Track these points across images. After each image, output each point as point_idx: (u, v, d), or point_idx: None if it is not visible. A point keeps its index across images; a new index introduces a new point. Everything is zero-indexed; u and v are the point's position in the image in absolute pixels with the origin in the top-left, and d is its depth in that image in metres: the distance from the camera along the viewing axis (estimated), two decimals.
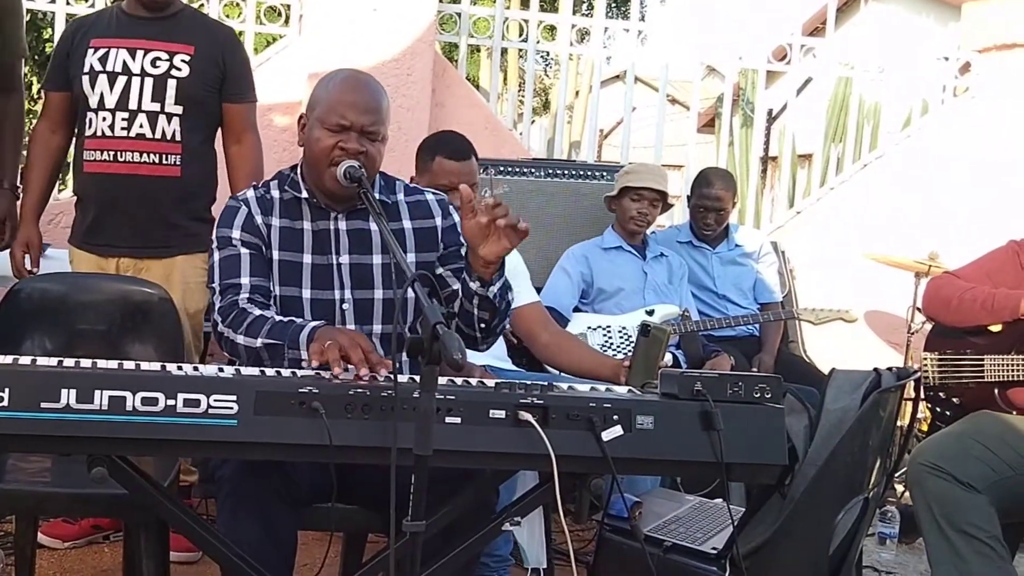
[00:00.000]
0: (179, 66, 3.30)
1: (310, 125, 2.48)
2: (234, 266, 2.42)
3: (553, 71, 19.03)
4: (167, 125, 3.30)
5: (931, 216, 5.71)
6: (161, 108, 3.29)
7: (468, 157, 3.30)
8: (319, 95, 2.49)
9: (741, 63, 6.02)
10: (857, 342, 5.33)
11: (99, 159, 3.31)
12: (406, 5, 5.05)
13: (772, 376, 2.10)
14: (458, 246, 2.57)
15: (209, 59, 3.35)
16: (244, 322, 2.31)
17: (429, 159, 3.29)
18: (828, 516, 2.42)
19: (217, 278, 2.43)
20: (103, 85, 3.28)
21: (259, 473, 2.16)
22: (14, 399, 1.72)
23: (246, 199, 2.49)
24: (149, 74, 3.28)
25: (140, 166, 3.29)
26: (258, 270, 2.43)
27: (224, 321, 2.35)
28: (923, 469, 2.93)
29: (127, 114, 3.28)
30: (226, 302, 2.38)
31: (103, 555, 3.45)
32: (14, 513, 2.94)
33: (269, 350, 2.26)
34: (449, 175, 3.22)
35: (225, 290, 2.40)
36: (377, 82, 2.55)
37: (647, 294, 4.13)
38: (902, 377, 2.53)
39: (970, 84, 6.05)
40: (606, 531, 2.67)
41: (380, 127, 2.46)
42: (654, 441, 1.99)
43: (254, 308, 2.35)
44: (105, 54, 3.30)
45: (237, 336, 2.31)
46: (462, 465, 2.04)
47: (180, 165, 3.32)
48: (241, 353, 2.32)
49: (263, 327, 2.28)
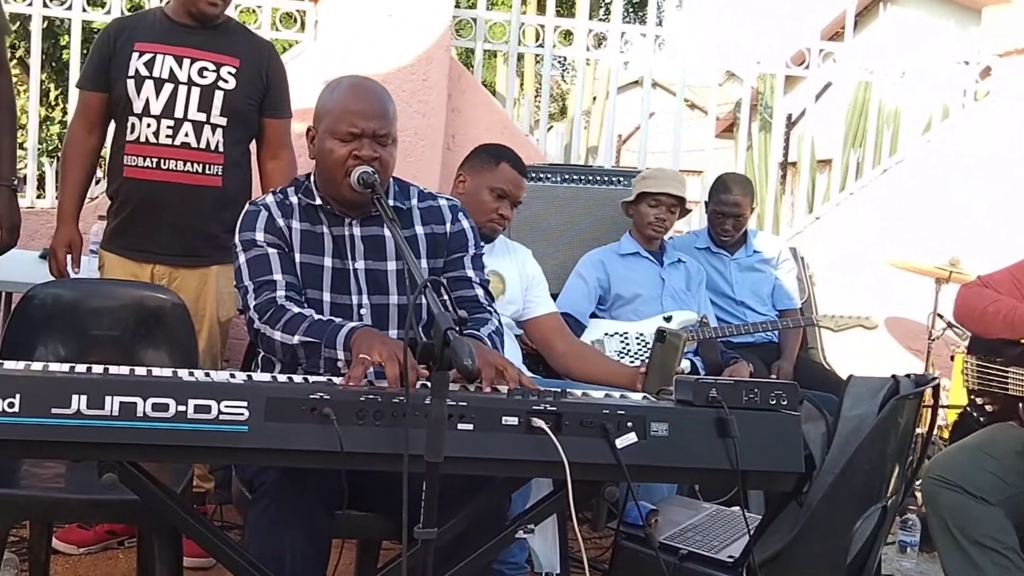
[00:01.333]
0: (226, 78, 3.32)
1: (320, 137, 2.47)
2: (264, 264, 2.42)
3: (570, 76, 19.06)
4: (211, 135, 3.31)
5: (952, 221, 5.66)
6: (207, 118, 3.30)
7: (526, 175, 3.43)
8: (326, 106, 2.48)
9: (760, 68, 5.99)
10: (877, 348, 5.29)
11: (141, 165, 3.32)
12: (422, 11, 5.04)
13: (788, 383, 2.08)
14: (461, 253, 2.57)
15: (254, 72, 3.37)
16: (282, 318, 2.31)
17: (494, 162, 3.36)
18: (846, 524, 2.39)
19: (247, 277, 2.42)
20: (149, 91, 3.28)
21: (302, 480, 2.16)
22: (25, 405, 1.72)
23: (265, 204, 2.49)
24: (196, 83, 3.29)
25: (183, 175, 3.30)
26: (288, 269, 2.43)
27: (261, 317, 2.34)
28: (936, 483, 2.92)
29: (172, 122, 3.28)
30: (263, 299, 2.37)
31: (117, 561, 3.45)
32: (28, 519, 2.95)
33: (306, 348, 2.26)
34: (510, 183, 3.34)
35: (260, 287, 2.39)
36: (381, 86, 2.55)
37: (665, 300, 4.10)
38: (920, 384, 2.50)
39: (991, 88, 6.00)
40: (622, 539, 2.65)
41: (390, 130, 2.46)
42: (669, 448, 1.96)
43: (292, 306, 2.35)
44: (151, 59, 3.30)
45: (274, 332, 2.30)
46: (474, 472, 2.02)
47: (222, 175, 3.34)
48: (277, 350, 2.32)
49: (301, 324, 2.28)
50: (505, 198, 3.33)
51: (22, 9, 4.96)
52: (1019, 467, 2.92)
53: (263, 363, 2.48)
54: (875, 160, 5.99)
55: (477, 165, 3.39)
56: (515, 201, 3.38)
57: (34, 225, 4.57)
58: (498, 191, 3.31)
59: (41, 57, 5.32)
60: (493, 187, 3.31)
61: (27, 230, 4.69)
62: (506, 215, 3.34)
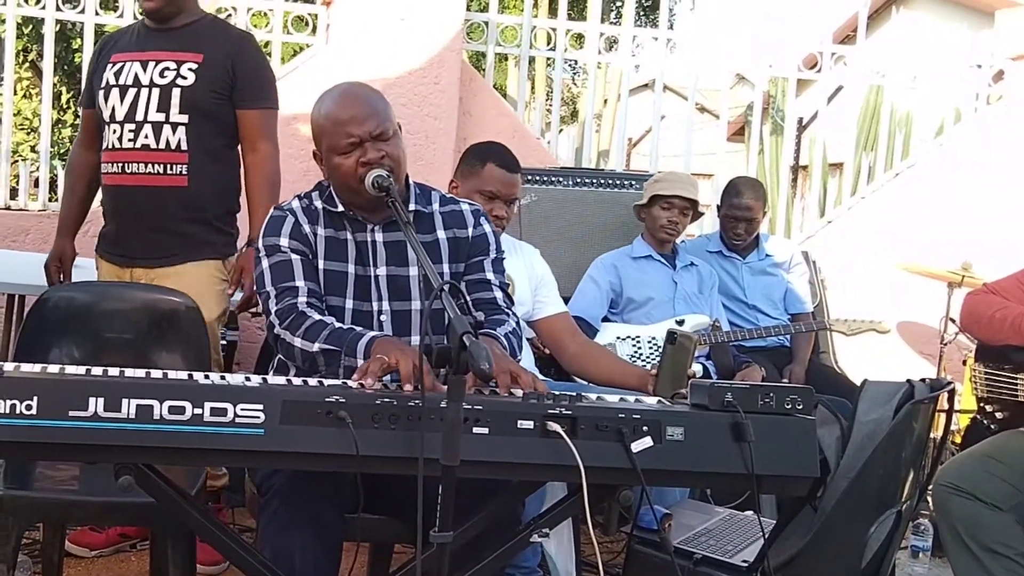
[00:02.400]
0: (185, 74, 3.28)
1: (325, 158, 2.47)
2: (287, 271, 2.42)
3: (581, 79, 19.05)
4: (172, 135, 3.28)
5: (964, 225, 5.65)
6: (166, 118, 3.28)
7: (517, 171, 3.33)
8: (320, 126, 2.47)
9: (771, 71, 5.98)
10: (889, 353, 5.28)
11: (111, 171, 3.35)
12: (433, 14, 5.05)
13: (804, 387, 2.07)
14: (482, 256, 2.56)
15: (217, 66, 3.31)
16: (303, 325, 2.31)
17: (479, 164, 3.29)
18: (860, 529, 2.38)
19: (269, 282, 2.42)
20: (115, 98, 3.31)
21: (312, 482, 2.16)
22: (42, 407, 1.72)
23: (292, 209, 2.50)
24: (156, 84, 3.28)
25: (145, 176, 3.29)
26: (310, 276, 2.43)
27: (282, 323, 2.35)
28: (946, 491, 2.91)
29: (134, 125, 3.28)
30: (284, 305, 2.37)
31: (130, 564, 3.46)
32: (43, 521, 2.95)
33: (326, 355, 2.26)
34: (497, 183, 3.25)
35: (282, 293, 2.39)
36: (364, 85, 2.55)
37: (677, 304, 4.10)
38: (935, 388, 2.49)
39: (1004, 92, 5.98)
40: (635, 543, 2.65)
41: (387, 125, 2.44)
42: (684, 452, 1.96)
43: (313, 312, 2.35)
44: (120, 68, 3.32)
45: (295, 339, 2.31)
46: (489, 476, 2.02)
47: (187, 174, 3.30)
48: (297, 356, 2.32)
49: (322, 332, 2.28)
50: (496, 198, 3.25)
51: (35, 12, 4.98)
52: None
53: (278, 366, 2.49)
54: (887, 164, 5.97)
55: (465, 170, 3.34)
56: (508, 199, 3.28)
57: (47, 228, 4.57)
58: (487, 193, 3.23)
59: (54, 60, 5.33)
60: (481, 190, 3.23)
61: (40, 233, 4.73)
62: (501, 215, 3.25)
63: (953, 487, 2.90)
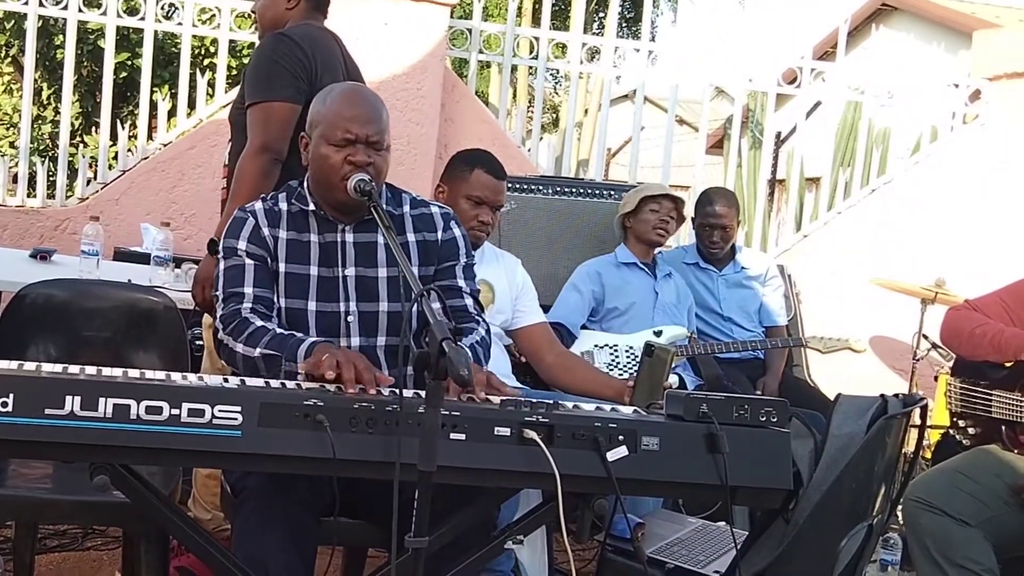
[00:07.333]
0: None
1: (314, 144, 2.47)
2: (238, 276, 2.42)
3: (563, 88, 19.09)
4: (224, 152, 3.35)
5: (939, 242, 5.71)
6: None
7: (504, 178, 3.39)
8: (320, 112, 2.48)
9: (751, 85, 6.03)
10: (862, 367, 5.32)
11: None
12: (417, 20, 5.06)
13: (778, 400, 2.09)
14: (453, 262, 2.57)
15: None
16: (245, 331, 2.32)
17: (467, 170, 3.33)
18: (832, 542, 2.40)
19: (221, 287, 2.44)
20: None
21: (286, 484, 2.17)
22: (18, 405, 1.71)
23: (254, 211, 2.49)
24: None
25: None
26: (262, 281, 2.43)
27: (225, 328, 2.36)
28: (916, 505, 2.94)
29: None
30: (228, 310, 2.38)
31: (102, 563, 3.44)
32: (14, 519, 2.93)
33: (266, 361, 2.27)
34: (485, 189, 3.31)
35: (228, 298, 2.40)
36: (374, 92, 2.56)
37: (656, 314, 4.11)
38: (908, 404, 2.51)
39: (980, 112, 6.05)
40: (608, 552, 2.66)
41: (384, 136, 2.46)
42: (659, 462, 1.97)
43: (256, 318, 2.36)
44: None
45: (236, 344, 2.32)
46: (466, 482, 2.02)
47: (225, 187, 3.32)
48: (238, 362, 2.33)
49: (263, 338, 2.29)
50: (483, 204, 3.31)
51: (17, 8, 4.96)
52: (998, 489, 2.94)
53: None
54: (864, 180, 6.03)
55: (453, 175, 3.37)
56: (494, 206, 3.35)
57: (24, 224, 4.57)
58: (474, 199, 3.29)
59: (35, 56, 5.30)
60: (469, 195, 3.29)
61: (18, 229, 4.71)
62: (486, 221, 3.32)
63: (923, 502, 2.93)
